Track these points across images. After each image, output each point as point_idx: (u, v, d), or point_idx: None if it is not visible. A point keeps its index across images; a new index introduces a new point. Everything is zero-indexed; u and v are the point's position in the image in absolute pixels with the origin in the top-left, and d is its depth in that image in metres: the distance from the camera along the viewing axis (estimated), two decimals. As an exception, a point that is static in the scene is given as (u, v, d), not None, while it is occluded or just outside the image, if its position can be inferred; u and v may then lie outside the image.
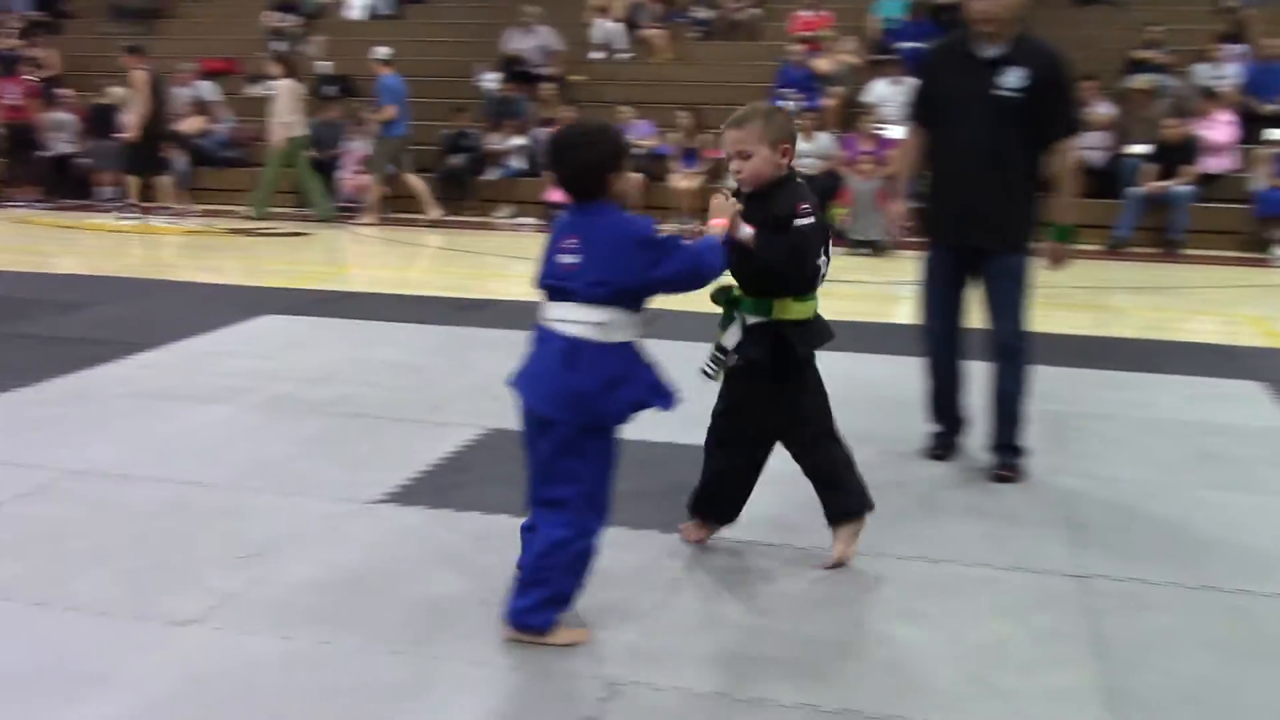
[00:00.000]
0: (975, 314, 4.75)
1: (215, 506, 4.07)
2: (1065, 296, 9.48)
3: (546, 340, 3.10)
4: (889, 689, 2.94)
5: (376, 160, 13.56)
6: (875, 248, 11.44)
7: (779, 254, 3.39)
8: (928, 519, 4.15)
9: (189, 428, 5.00)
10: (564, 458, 3.06)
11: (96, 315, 7.40)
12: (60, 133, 14.62)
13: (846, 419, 5.27)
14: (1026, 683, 2.99)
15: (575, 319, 3.04)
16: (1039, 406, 5.59)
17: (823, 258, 3.49)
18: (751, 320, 3.57)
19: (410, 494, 4.22)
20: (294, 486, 4.27)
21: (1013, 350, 4.65)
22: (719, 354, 3.64)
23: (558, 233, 3.13)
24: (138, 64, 13.05)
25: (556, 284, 3.08)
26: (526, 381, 3.14)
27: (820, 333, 3.62)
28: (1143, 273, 11.00)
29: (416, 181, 13.55)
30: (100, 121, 14.54)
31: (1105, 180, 12.84)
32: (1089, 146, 12.87)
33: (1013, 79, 4.35)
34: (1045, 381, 6.11)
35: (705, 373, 3.66)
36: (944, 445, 4.89)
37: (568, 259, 3.05)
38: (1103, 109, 12.98)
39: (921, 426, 4.95)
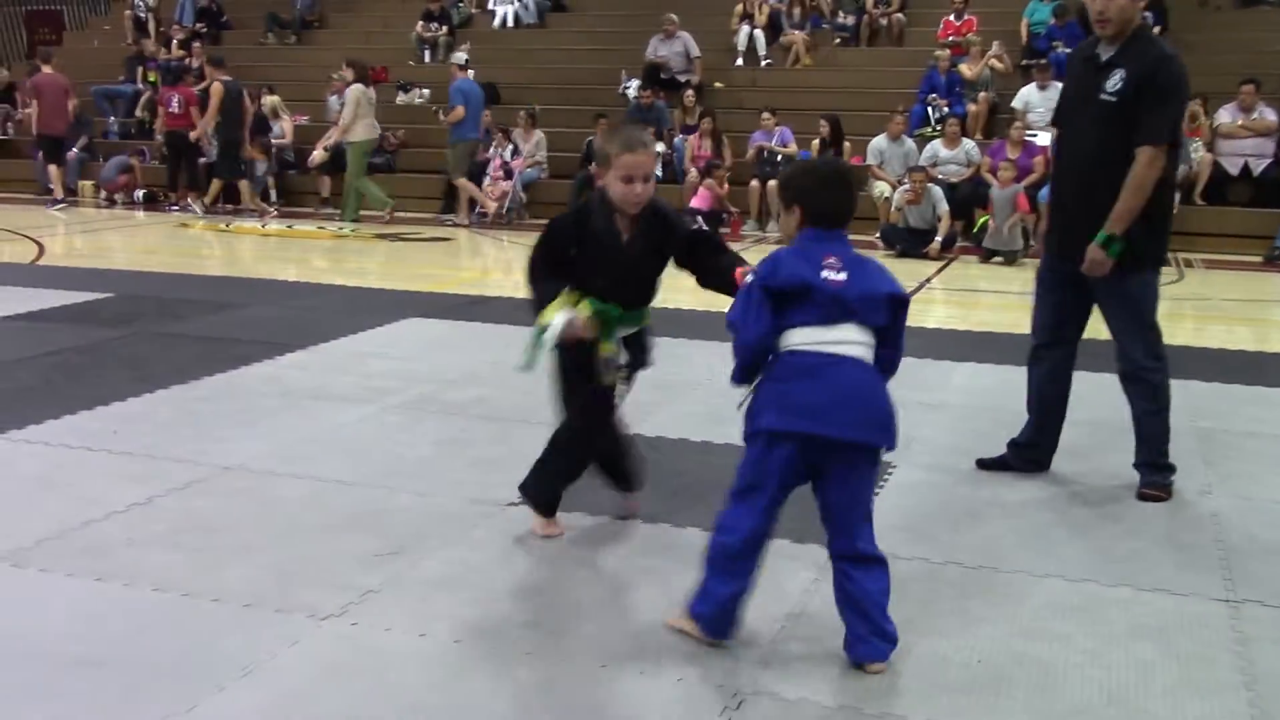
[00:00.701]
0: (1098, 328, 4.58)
1: (356, 504, 4.17)
2: (1221, 309, 9.14)
3: (835, 364, 2.94)
4: (1026, 709, 2.86)
5: (453, 163, 13.88)
6: (1008, 257, 11.18)
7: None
8: (1070, 536, 4.03)
9: (332, 426, 5.15)
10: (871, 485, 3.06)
11: (246, 316, 7.67)
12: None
13: (987, 430, 5.19)
14: (1170, 709, 2.88)
15: (861, 340, 2.97)
16: (1190, 423, 5.42)
17: None
18: (627, 331, 3.77)
19: (544, 497, 4.26)
20: (432, 486, 4.36)
21: (1135, 376, 4.46)
22: (620, 368, 3.79)
23: (808, 254, 3.01)
24: (217, 75, 13.65)
25: (834, 305, 2.94)
26: (830, 411, 2.91)
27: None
28: (1305, 285, 10.52)
29: (467, 185, 13.83)
30: (259, 130, 15.10)
31: (1267, 189, 12.34)
32: (1249, 154, 12.40)
33: (1113, 82, 4.22)
34: (1197, 397, 5.92)
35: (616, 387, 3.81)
36: (1016, 456, 4.72)
37: (836, 276, 2.96)
38: (1267, 114, 12.47)
39: (1066, 441, 4.81)
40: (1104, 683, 3.00)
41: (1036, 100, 13.28)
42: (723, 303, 3.36)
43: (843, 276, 2.96)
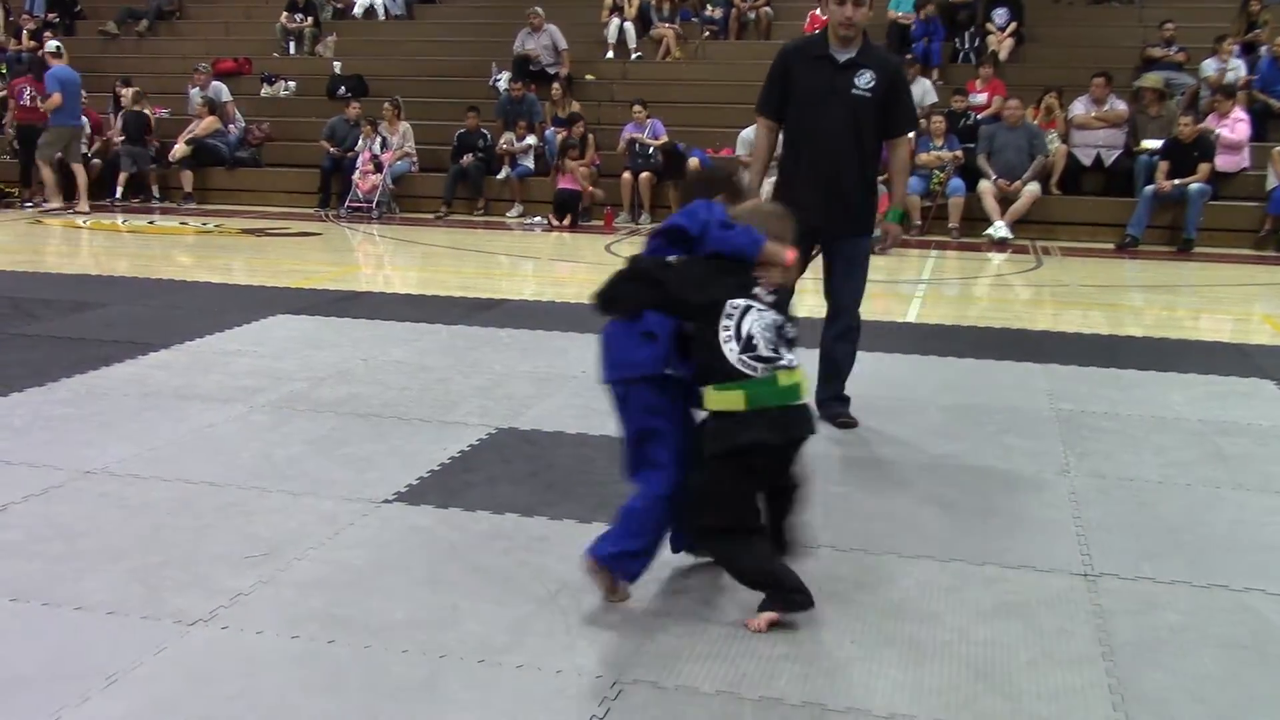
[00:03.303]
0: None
1: (225, 506, 4.08)
2: (1077, 295, 9.48)
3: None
4: (897, 687, 2.93)
5: (43, 147, 14.01)
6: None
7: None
8: (937, 517, 4.13)
9: (199, 427, 5.02)
10: None
11: (107, 315, 7.43)
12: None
13: (865, 419, 5.30)
14: (1035, 681, 2.98)
15: None
16: (1049, 405, 5.61)
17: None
18: None
19: (418, 493, 4.23)
20: (303, 486, 4.28)
21: (850, 329, 5.30)
22: None
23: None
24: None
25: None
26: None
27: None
28: (1155, 271, 10.96)
29: (49, 174, 14.04)
30: (133, 125, 14.62)
31: (1118, 178, 12.81)
32: (1101, 145, 12.86)
33: (865, 80, 4.97)
34: (1056, 380, 6.14)
35: None
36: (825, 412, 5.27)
37: None
38: (1118, 106, 12.94)
39: (932, 424, 4.94)
40: (971, 659, 3.09)
41: (901, 93, 13.59)
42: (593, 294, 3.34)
43: None
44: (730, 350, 3.11)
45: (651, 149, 13.45)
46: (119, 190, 14.41)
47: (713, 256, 3.16)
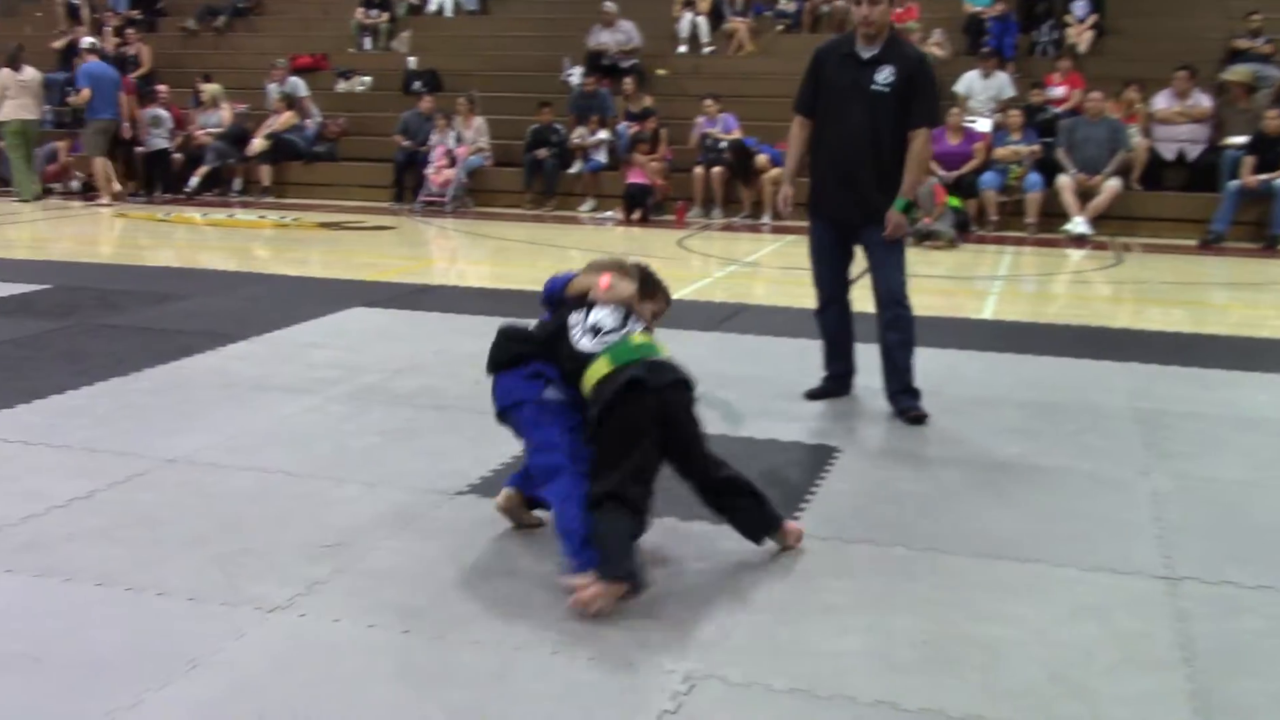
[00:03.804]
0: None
1: (302, 495, 4.14)
2: (1159, 293, 9.30)
3: None
4: (972, 689, 2.89)
5: (88, 143, 14.37)
6: (944, 241, 11.32)
7: None
8: (1014, 518, 4.08)
9: (277, 418, 5.09)
10: None
11: (188, 307, 7.57)
12: (156, 128, 14.95)
13: (931, 413, 5.25)
14: (1113, 686, 2.93)
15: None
16: (1129, 404, 5.51)
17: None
18: None
19: (491, 485, 4.25)
20: (378, 476, 4.33)
21: (896, 317, 5.31)
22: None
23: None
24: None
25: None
26: None
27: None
28: (1240, 268, 10.72)
29: (103, 164, 14.26)
30: (234, 129, 14.91)
31: (1201, 174, 12.54)
32: (1184, 140, 12.60)
33: (884, 75, 5.04)
34: (1137, 379, 6.03)
35: None
36: (837, 385, 5.55)
37: None
38: (1202, 100, 12.67)
39: (1010, 422, 4.87)
40: (1048, 662, 3.04)
41: (979, 87, 13.42)
42: (712, 292, 3.34)
43: None
44: (585, 342, 3.57)
45: (723, 144, 13.41)
46: (194, 181, 14.66)
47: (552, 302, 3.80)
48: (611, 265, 3.84)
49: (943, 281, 9.57)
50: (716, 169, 13.32)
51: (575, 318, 3.64)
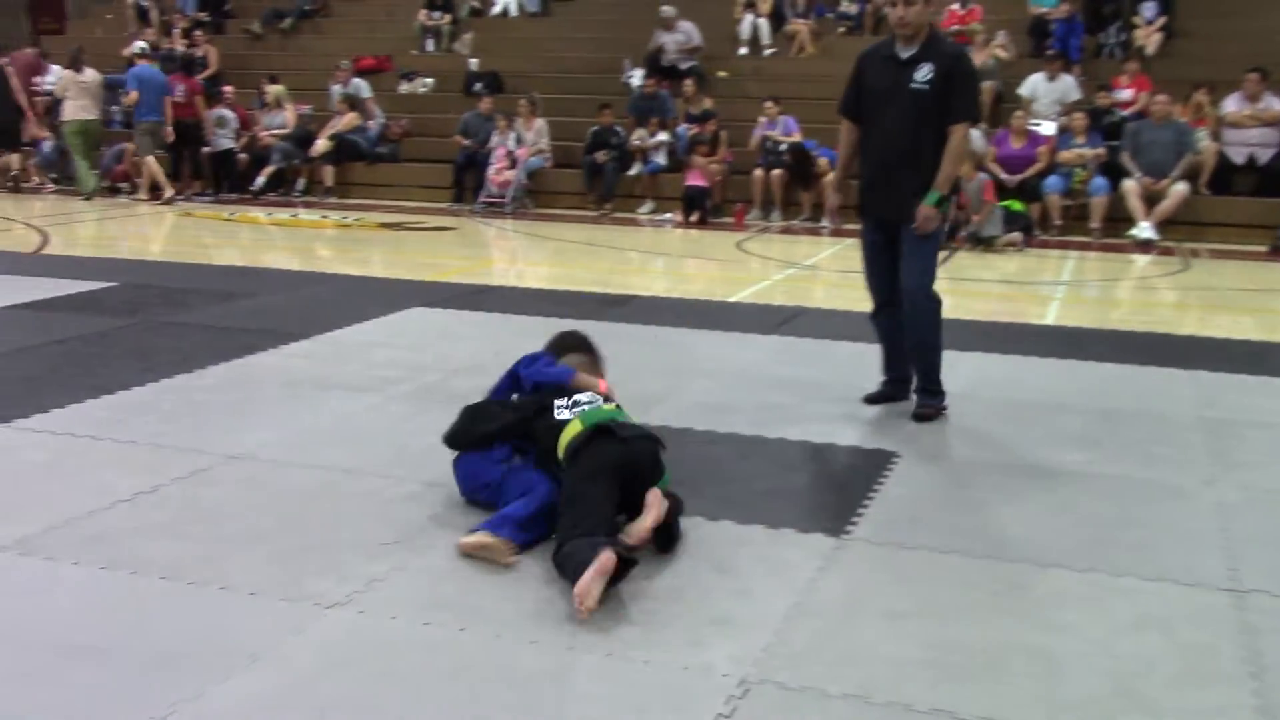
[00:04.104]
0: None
1: (361, 493, 4.18)
2: (1227, 299, 9.13)
3: None
4: (1031, 698, 2.86)
5: (139, 144, 14.53)
6: (988, 242, 11.21)
7: None
8: (1074, 526, 4.03)
9: (338, 416, 5.15)
10: None
11: (252, 305, 7.68)
12: (222, 129, 15.17)
13: (992, 420, 5.20)
14: (1176, 698, 2.88)
15: None
16: (1195, 413, 5.42)
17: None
18: None
19: (549, 486, 4.26)
20: (437, 475, 4.35)
21: (919, 310, 5.21)
22: None
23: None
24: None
25: None
26: None
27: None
28: (1311, 275, 10.49)
29: (152, 164, 14.42)
30: (300, 132, 15.13)
31: (1272, 179, 12.30)
32: (1254, 144, 12.37)
33: (922, 74, 5.04)
34: (1203, 387, 5.92)
35: None
36: (896, 390, 5.48)
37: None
38: (1274, 104, 12.43)
39: (1070, 430, 4.81)
40: (1109, 672, 3.00)
41: (1043, 90, 13.25)
42: (724, 291, 3.34)
43: None
44: (561, 411, 3.96)
45: (783, 146, 13.36)
46: (260, 181, 14.86)
47: (539, 388, 4.19)
48: (593, 360, 4.43)
49: (1005, 286, 9.47)
50: (776, 171, 13.28)
51: (560, 401, 4.02)
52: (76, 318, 7.14)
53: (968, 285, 9.51)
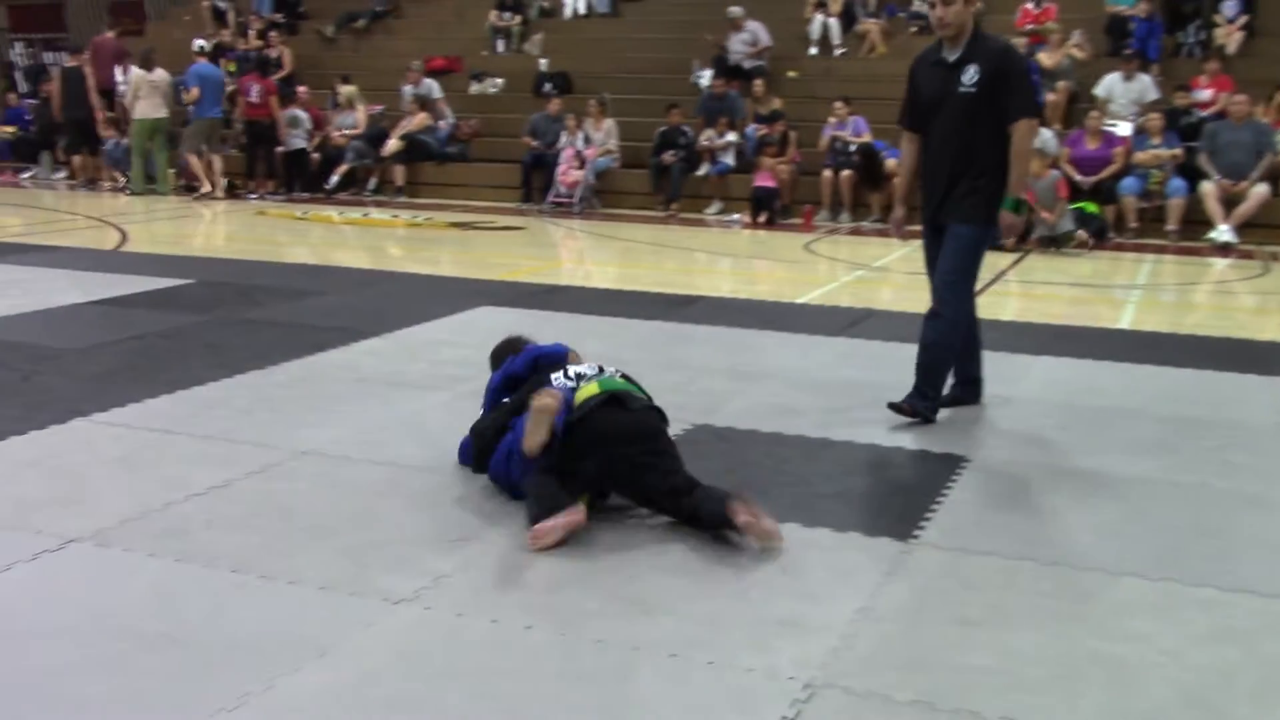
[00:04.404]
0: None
1: (429, 490, 4.21)
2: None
3: None
4: (1102, 709, 2.81)
5: (187, 139, 15.00)
6: (1061, 240, 11.05)
7: None
8: (1148, 533, 3.95)
9: (407, 412, 5.20)
10: None
11: (323, 303, 7.78)
12: (295, 129, 15.38)
13: (1063, 425, 5.12)
14: (1255, 713, 2.82)
15: None
16: (1277, 420, 5.29)
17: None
18: None
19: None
20: (504, 474, 4.38)
21: (934, 314, 5.13)
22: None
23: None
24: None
25: None
26: None
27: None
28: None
29: (195, 162, 14.82)
30: (373, 133, 15.32)
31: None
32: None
33: (969, 76, 4.93)
34: (1282, 394, 5.78)
35: None
36: (968, 392, 5.42)
37: None
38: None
39: (1144, 437, 4.73)
40: (1184, 684, 2.94)
41: (1119, 90, 13.03)
42: (791, 293, 3.32)
43: None
44: (559, 380, 4.06)
45: (853, 147, 13.27)
46: (334, 180, 15.06)
47: (537, 363, 4.43)
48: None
49: (1079, 290, 9.33)
50: (845, 173, 13.19)
51: (557, 375, 4.13)
52: (153, 314, 7.28)
53: (1040, 288, 9.39)
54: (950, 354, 5.19)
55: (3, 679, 2.84)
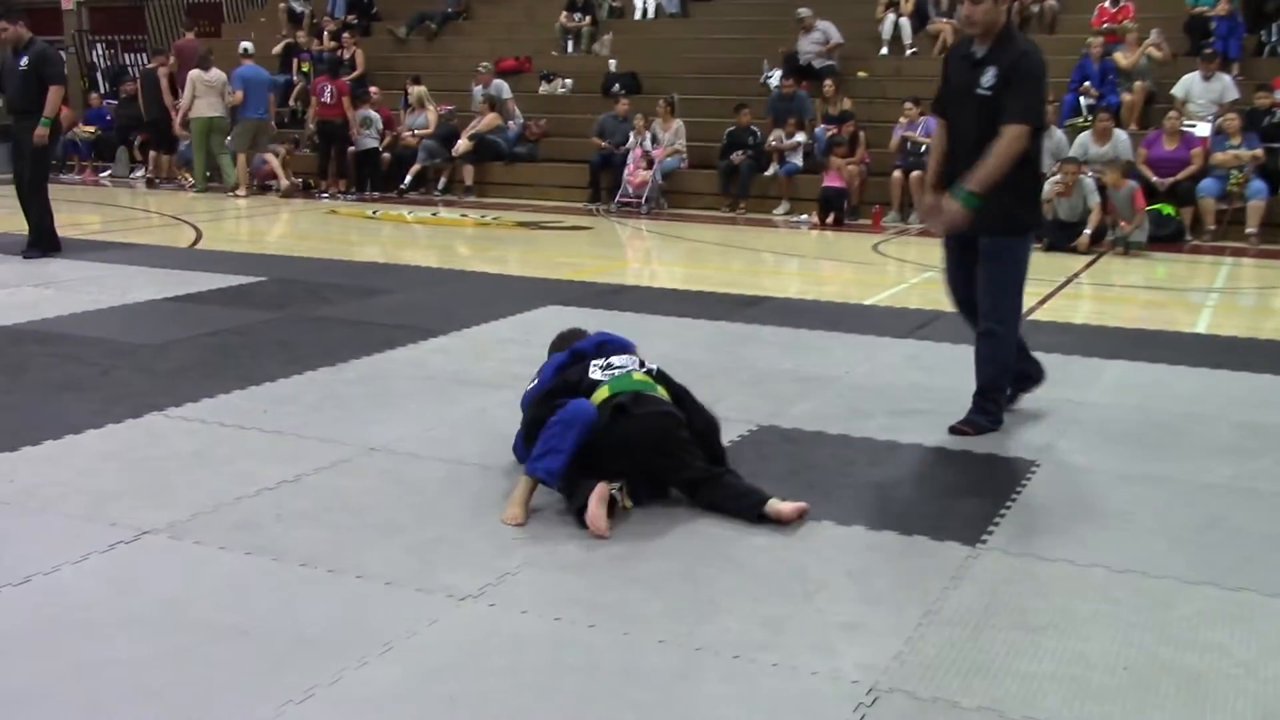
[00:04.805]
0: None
1: (496, 487, 4.24)
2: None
3: None
4: (1173, 721, 2.76)
5: (235, 138, 15.28)
6: (1133, 246, 10.86)
7: None
8: (1224, 542, 3.87)
9: (473, 410, 5.23)
10: None
11: (392, 301, 7.85)
12: (366, 129, 15.54)
13: (1136, 430, 5.02)
14: (1331, 727, 2.75)
15: None
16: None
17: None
18: None
19: (680, 486, 4.26)
20: (569, 472, 4.39)
21: (987, 332, 4.99)
22: None
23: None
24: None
25: None
26: None
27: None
28: None
29: (241, 162, 15.24)
30: (444, 130, 15.47)
31: None
32: None
33: (988, 78, 4.76)
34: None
35: None
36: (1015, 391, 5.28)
37: None
38: None
39: (1221, 443, 4.63)
40: (1260, 696, 2.88)
41: (1198, 90, 12.77)
42: (859, 294, 3.30)
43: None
44: (595, 371, 4.27)
45: (923, 148, 13.14)
46: (408, 179, 15.22)
47: (600, 346, 4.55)
48: None
49: (1153, 292, 9.17)
50: (915, 173, 13.06)
51: (598, 360, 4.35)
52: (226, 311, 7.40)
53: (1115, 291, 9.24)
54: (1005, 371, 5.08)
55: (77, 668, 2.90)
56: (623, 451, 4.01)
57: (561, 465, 3.93)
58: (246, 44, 16.22)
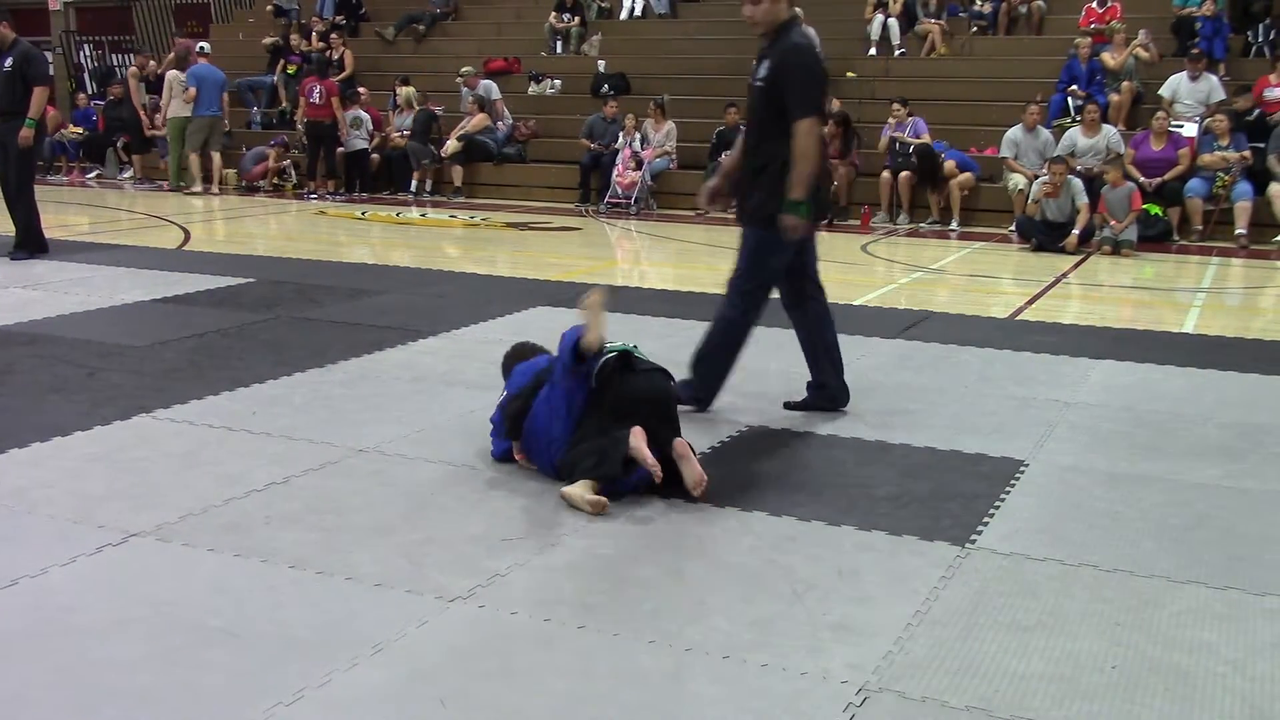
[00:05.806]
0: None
1: (484, 489, 4.23)
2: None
3: None
4: (1161, 719, 2.77)
5: (189, 137, 15.60)
6: (1121, 245, 10.91)
7: None
8: (1212, 541, 3.88)
9: (462, 412, 5.23)
10: None
11: (381, 302, 7.84)
12: (356, 130, 15.52)
13: (1124, 429, 5.04)
14: (1319, 725, 2.76)
15: None
16: (1344, 427, 5.17)
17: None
18: None
19: (669, 486, 4.27)
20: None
21: (720, 316, 5.18)
22: None
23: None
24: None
25: None
26: None
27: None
28: None
29: (195, 160, 15.64)
30: (421, 122, 15.46)
31: None
32: None
33: (763, 70, 4.95)
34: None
35: None
36: (816, 397, 5.32)
37: None
38: None
39: (1210, 441, 4.64)
40: (1248, 695, 2.89)
41: (1185, 90, 12.82)
42: (848, 294, 3.29)
43: None
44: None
45: (911, 148, 13.17)
46: (414, 184, 15.24)
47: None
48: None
49: (1141, 292, 9.20)
50: (904, 174, 13.10)
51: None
52: (215, 312, 7.38)
53: (1103, 291, 9.26)
54: (722, 351, 5.15)
55: (65, 671, 2.89)
56: (630, 411, 4.13)
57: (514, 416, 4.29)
58: (203, 44, 16.45)
